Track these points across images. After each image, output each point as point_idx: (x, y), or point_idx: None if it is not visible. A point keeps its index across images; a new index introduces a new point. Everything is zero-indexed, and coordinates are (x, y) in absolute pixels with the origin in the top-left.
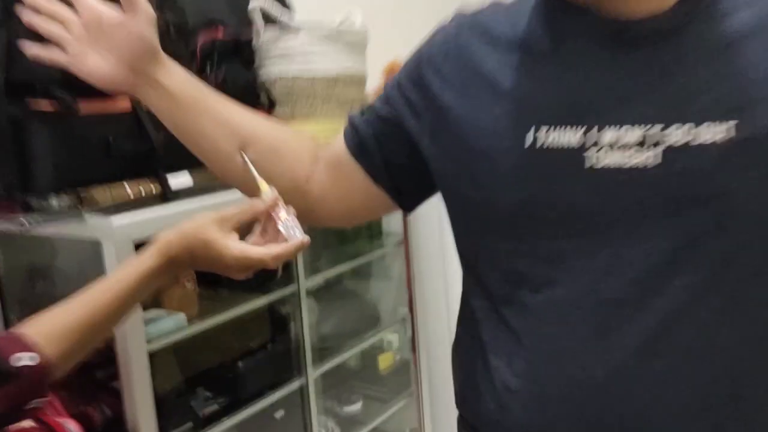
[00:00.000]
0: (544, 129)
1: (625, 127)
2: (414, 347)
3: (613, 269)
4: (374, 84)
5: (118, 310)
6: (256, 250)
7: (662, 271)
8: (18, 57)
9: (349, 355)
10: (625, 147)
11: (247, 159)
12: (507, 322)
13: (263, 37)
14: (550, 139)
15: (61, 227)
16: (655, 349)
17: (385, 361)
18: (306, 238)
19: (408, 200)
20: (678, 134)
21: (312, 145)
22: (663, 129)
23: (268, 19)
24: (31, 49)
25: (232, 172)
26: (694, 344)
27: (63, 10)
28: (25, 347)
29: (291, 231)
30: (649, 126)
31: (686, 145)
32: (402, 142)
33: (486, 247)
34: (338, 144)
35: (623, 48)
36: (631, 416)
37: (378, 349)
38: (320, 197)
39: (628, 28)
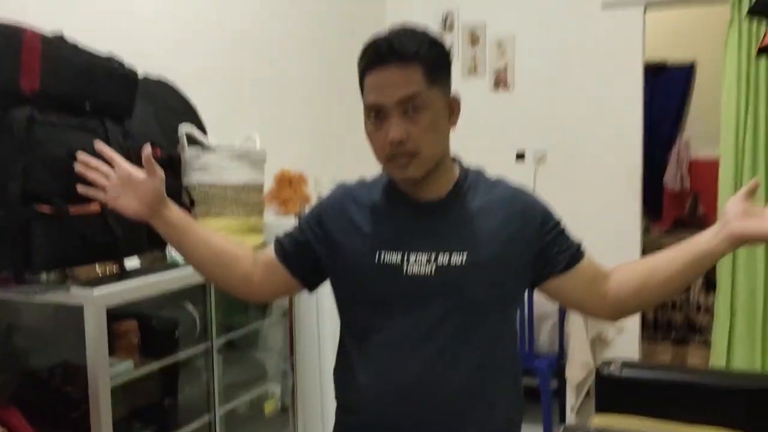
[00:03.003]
0: (384, 253)
1: (421, 253)
2: (293, 397)
3: (413, 323)
4: (269, 187)
5: None
6: None
7: (434, 326)
8: (30, 175)
9: (245, 399)
10: (421, 263)
11: None
12: (364, 351)
13: (187, 153)
14: (386, 258)
15: (50, 296)
16: (433, 361)
17: (269, 407)
18: None
19: (313, 286)
20: (443, 258)
21: (253, 253)
22: (437, 255)
23: (191, 140)
24: (82, 188)
25: (213, 269)
26: (451, 356)
27: (105, 167)
28: None
29: None
30: (431, 253)
31: (446, 264)
32: (310, 255)
33: (354, 312)
34: (270, 254)
35: (421, 214)
36: (425, 393)
37: (263, 397)
38: (259, 285)
39: (423, 205)
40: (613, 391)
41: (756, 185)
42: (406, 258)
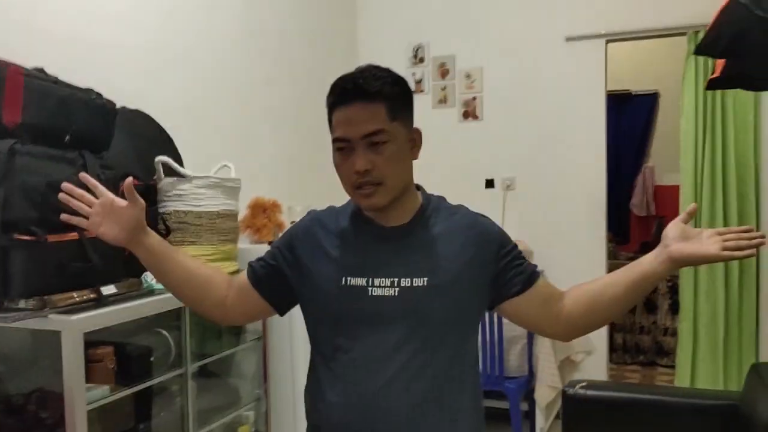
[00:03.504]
0: (349, 277)
1: (384, 278)
2: (267, 422)
3: (377, 342)
4: (243, 215)
5: None
6: None
7: (399, 343)
8: (9, 205)
9: (219, 424)
10: (384, 287)
11: None
12: (332, 369)
13: (163, 182)
14: (352, 282)
15: (27, 322)
16: (397, 377)
17: None
18: None
19: (283, 309)
20: (405, 282)
21: (228, 278)
22: (399, 280)
23: (167, 170)
24: (65, 216)
25: (189, 293)
26: (414, 373)
27: (88, 195)
28: None
29: None
30: (394, 278)
31: (408, 287)
32: (281, 279)
33: (322, 332)
34: (243, 278)
35: (385, 240)
36: (388, 407)
37: (237, 422)
38: (232, 308)
39: (388, 231)
40: (579, 411)
41: (693, 210)
42: (370, 282)
